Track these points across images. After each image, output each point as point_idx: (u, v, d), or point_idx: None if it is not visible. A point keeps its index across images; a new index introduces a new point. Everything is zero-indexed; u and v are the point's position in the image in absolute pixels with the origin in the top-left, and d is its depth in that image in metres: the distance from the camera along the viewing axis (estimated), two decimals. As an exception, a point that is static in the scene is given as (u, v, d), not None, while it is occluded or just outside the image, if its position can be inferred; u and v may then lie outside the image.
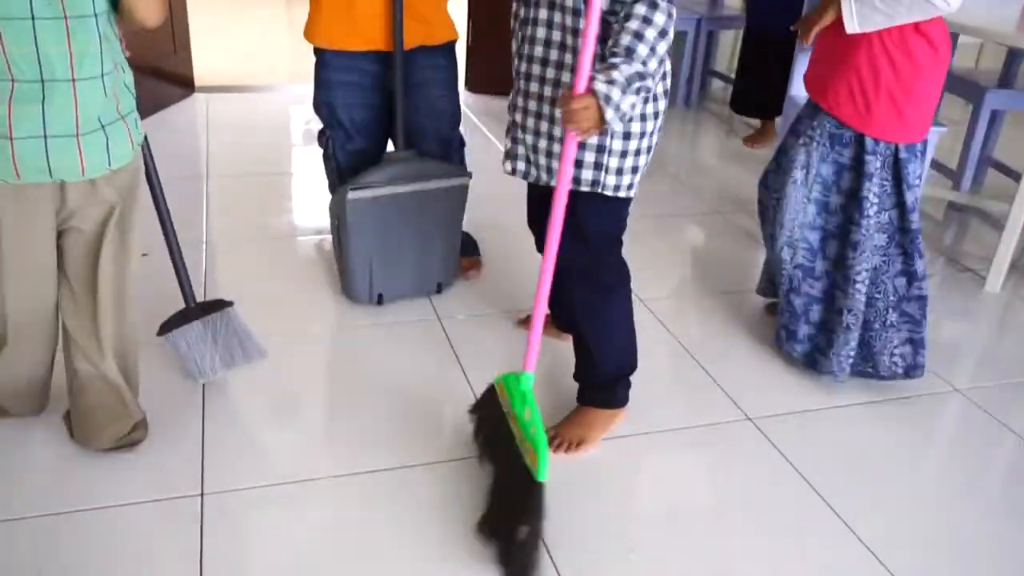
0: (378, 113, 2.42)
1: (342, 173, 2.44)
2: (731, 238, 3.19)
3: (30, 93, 1.50)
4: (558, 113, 1.67)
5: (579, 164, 1.74)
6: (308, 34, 2.34)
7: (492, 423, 1.82)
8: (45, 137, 1.54)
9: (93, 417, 1.83)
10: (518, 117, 1.84)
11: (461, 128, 2.57)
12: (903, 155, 2.06)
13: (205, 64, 4.58)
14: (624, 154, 1.74)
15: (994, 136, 3.64)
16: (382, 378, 2.22)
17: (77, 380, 1.82)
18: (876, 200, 2.08)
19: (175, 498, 1.77)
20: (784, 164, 2.22)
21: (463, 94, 2.39)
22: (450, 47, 2.44)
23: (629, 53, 1.54)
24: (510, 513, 1.65)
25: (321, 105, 2.41)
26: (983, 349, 2.60)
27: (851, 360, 2.21)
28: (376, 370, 2.26)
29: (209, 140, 3.87)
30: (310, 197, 3.34)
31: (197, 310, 2.10)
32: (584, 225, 1.80)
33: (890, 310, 2.18)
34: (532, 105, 1.79)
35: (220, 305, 2.12)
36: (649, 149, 1.79)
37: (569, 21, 1.67)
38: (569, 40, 1.68)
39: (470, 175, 2.47)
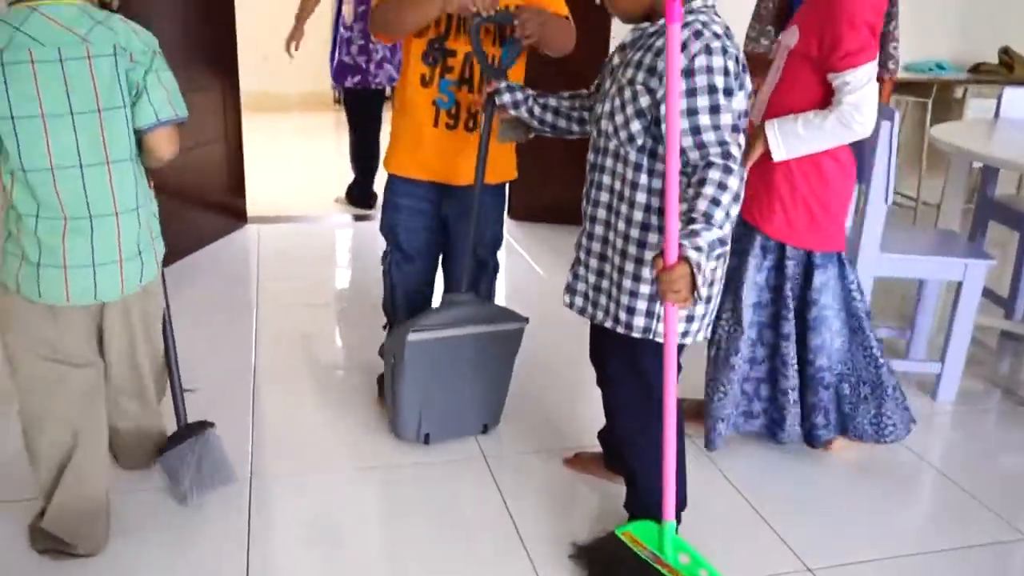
0: (432, 237, 2.58)
1: (394, 290, 2.61)
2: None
3: (80, 229, 1.77)
4: (618, 260, 1.76)
5: (631, 311, 1.77)
6: (385, 163, 2.56)
7: (633, 570, 1.80)
8: (94, 265, 1.80)
9: (145, 453, 2.24)
10: (582, 255, 1.90)
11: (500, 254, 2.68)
12: (818, 260, 2.33)
13: (256, 195, 4.74)
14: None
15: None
16: (426, 517, 2.19)
17: (129, 432, 2.17)
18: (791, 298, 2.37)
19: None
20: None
21: (506, 221, 2.52)
22: (504, 185, 2.59)
23: (708, 219, 1.57)
24: None
25: (385, 226, 2.58)
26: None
27: (799, 428, 2.47)
28: (421, 509, 2.23)
29: (260, 270, 3.98)
30: (358, 329, 3.38)
31: (186, 431, 2.22)
32: (641, 367, 1.84)
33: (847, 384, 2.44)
34: (596, 247, 1.85)
35: (204, 427, 2.23)
36: (709, 299, 1.81)
37: (630, 174, 1.73)
38: (627, 192, 1.75)
39: (527, 320, 2.48)
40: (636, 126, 1.71)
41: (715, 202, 1.58)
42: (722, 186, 1.59)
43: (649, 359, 1.82)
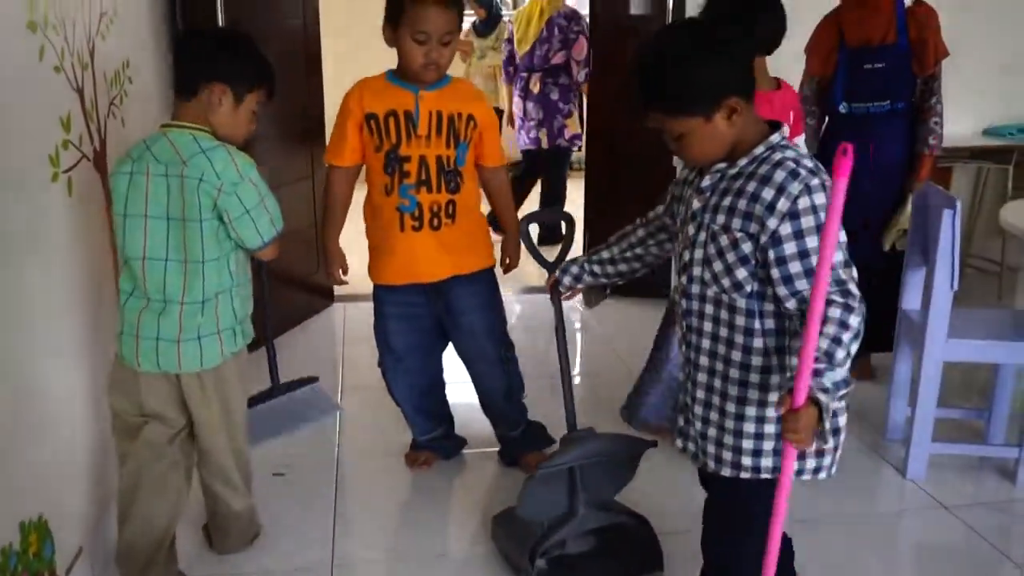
0: (422, 338, 2.82)
1: (393, 391, 2.90)
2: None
3: (154, 308, 2.15)
4: (732, 407, 1.72)
5: (738, 450, 1.73)
6: (368, 274, 2.79)
7: None
8: (157, 339, 2.16)
9: (237, 535, 2.51)
10: (688, 401, 1.84)
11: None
12: None
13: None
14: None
15: None
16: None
17: (219, 514, 2.45)
18: None
19: None
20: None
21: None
22: (485, 272, 2.77)
23: (830, 359, 1.53)
24: None
25: (376, 332, 2.84)
26: None
27: None
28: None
29: (345, 350, 4.19)
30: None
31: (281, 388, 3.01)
32: (749, 508, 1.76)
33: None
34: (700, 394, 1.79)
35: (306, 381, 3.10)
36: (836, 431, 1.72)
37: (741, 321, 1.68)
38: (739, 338, 1.70)
39: (654, 444, 2.40)
40: (742, 273, 1.66)
41: (837, 341, 1.54)
42: (843, 325, 1.55)
43: (755, 499, 1.73)
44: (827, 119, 3.55)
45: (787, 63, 3.22)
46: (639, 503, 2.49)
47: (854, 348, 1.58)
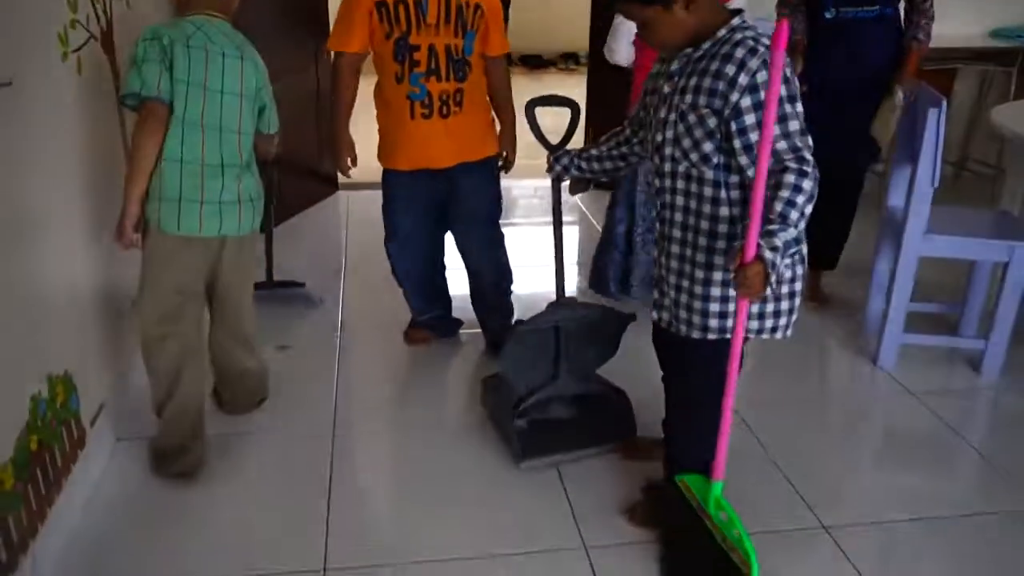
0: (423, 221, 2.98)
1: (395, 269, 3.07)
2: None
3: (214, 173, 2.29)
4: (700, 273, 1.87)
5: (705, 314, 1.90)
6: (378, 159, 2.91)
7: (681, 513, 2.01)
8: (220, 202, 2.30)
9: (247, 390, 2.71)
10: (663, 273, 1.99)
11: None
12: None
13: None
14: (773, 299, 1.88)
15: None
16: (490, 471, 2.49)
17: (234, 369, 2.64)
18: None
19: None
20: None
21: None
22: (491, 160, 2.92)
23: (784, 219, 1.69)
24: None
25: (383, 214, 2.99)
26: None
27: None
28: (479, 470, 2.53)
29: (348, 234, 4.33)
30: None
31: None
32: (714, 366, 1.91)
33: None
34: (674, 263, 1.94)
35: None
36: (793, 295, 1.91)
37: (709, 192, 1.84)
38: (707, 208, 1.85)
39: (633, 316, 2.54)
40: (709, 147, 1.79)
41: (790, 203, 1.68)
42: (797, 188, 1.70)
43: (721, 357, 1.86)
44: (810, 27, 3.33)
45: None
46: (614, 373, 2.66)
47: (808, 209, 1.72)
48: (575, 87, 5.73)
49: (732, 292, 1.83)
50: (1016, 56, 5.02)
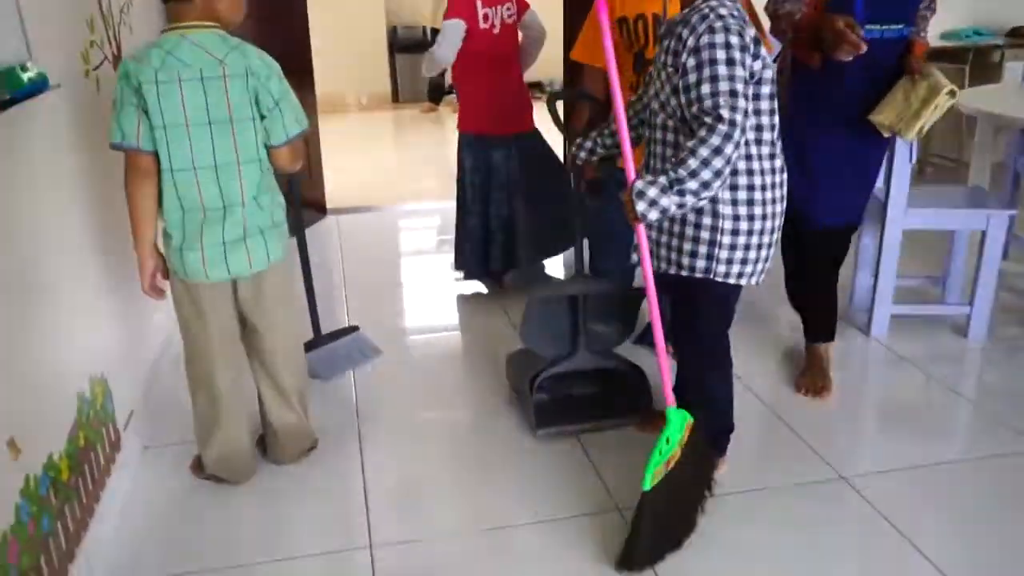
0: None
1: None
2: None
3: (215, 216, 2.12)
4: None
5: (694, 255, 2.09)
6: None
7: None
8: (224, 243, 2.14)
9: (286, 445, 2.51)
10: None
11: None
12: None
13: (332, 189, 5.19)
14: (733, 247, 2.05)
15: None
16: (511, 453, 2.58)
17: (272, 424, 2.46)
18: None
19: (352, 550, 2.15)
20: None
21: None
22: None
23: (681, 163, 1.89)
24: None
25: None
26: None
27: None
28: (505, 446, 2.61)
29: (343, 256, 4.41)
30: (432, 303, 3.82)
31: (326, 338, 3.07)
32: (698, 307, 2.17)
33: None
34: None
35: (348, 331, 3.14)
36: (760, 246, 2.09)
37: (683, 140, 2.04)
38: (669, 152, 2.09)
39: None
40: (674, 101, 2.01)
41: (692, 151, 1.88)
42: (702, 140, 1.88)
43: (704, 299, 2.15)
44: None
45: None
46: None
47: (717, 162, 1.87)
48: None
49: (704, 234, 2.06)
50: (967, 54, 5.32)
